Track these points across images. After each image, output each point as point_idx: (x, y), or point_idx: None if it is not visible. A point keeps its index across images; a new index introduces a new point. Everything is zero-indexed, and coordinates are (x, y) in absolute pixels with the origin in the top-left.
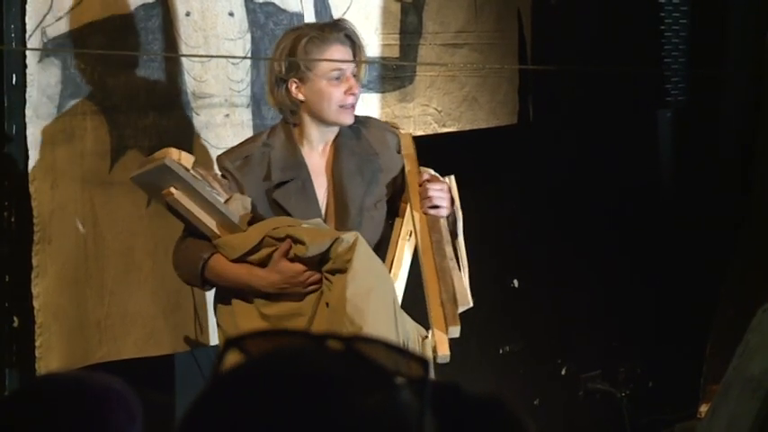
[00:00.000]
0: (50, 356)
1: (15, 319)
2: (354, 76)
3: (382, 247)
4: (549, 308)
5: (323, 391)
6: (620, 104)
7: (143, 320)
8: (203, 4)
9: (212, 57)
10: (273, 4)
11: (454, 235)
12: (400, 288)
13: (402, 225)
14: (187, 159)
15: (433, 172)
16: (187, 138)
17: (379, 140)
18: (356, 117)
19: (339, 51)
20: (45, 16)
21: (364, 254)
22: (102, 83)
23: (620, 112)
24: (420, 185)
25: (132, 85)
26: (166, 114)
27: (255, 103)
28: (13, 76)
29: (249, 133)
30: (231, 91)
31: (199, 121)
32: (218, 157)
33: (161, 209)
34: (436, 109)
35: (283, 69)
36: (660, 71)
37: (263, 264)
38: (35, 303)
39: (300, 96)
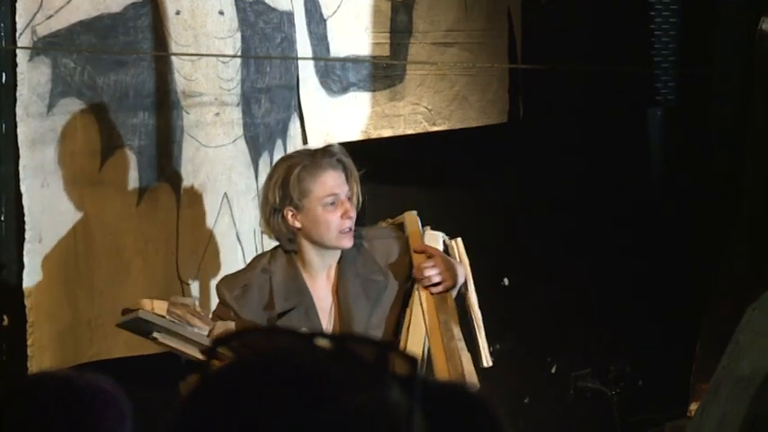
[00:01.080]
0: (42, 355)
1: (5, 317)
2: (348, 199)
3: None
4: (539, 306)
5: (312, 390)
6: (610, 103)
7: None
8: (193, 3)
9: (202, 55)
10: (263, 2)
11: (463, 297)
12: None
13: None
14: (160, 307)
15: (440, 238)
16: (177, 136)
17: (383, 252)
18: (358, 231)
19: (332, 176)
20: (35, 15)
21: None
22: (92, 82)
23: (611, 111)
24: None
25: (122, 84)
26: (156, 113)
27: (245, 102)
28: (3, 74)
29: (239, 132)
30: (221, 90)
31: (189, 119)
32: (217, 286)
33: (151, 208)
34: (426, 107)
35: (278, 199)
36: (650, 70)
37: None
38: (26, 302)
39: (297, 224)
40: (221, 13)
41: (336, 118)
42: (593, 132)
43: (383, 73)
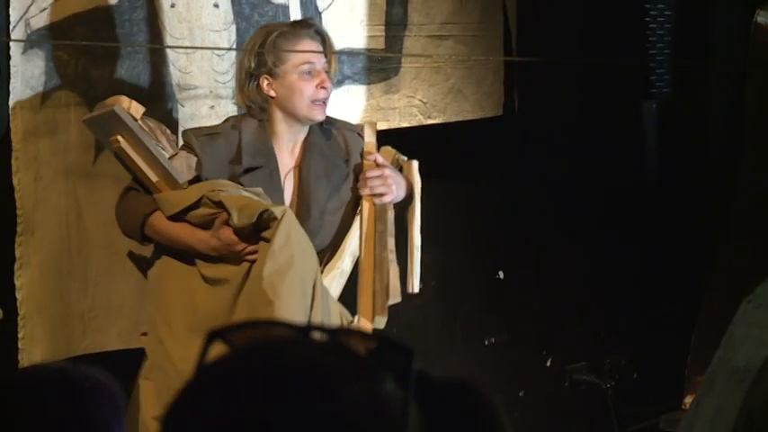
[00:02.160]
0: (34, 348)
1: None
2: (326, 72)
3: (338, 243)
4: (534, 299)
5: (305, 383)
6: (605, 96)
7: (127, 312)
8: None
9: (197, 48)
10: None
11: (406, 219)
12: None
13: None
14: (137, 109)
15: (394, 155)
16: (172, 129)
17: (350, 143)
18: (328, 118)
19: (309, 45)
20: (29, 8)
21: (289, 229)
22: (86, 74)
23: (606, 104)
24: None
25: (117, 77)
26: (151, 106)
27: None
28: None
29: None
30: (216, 82)
31: (184, 112)
32: (185, 131)
33: None
34: (422, 100)
35: (253, 65)
36: (645, 63)
37: (203, 226)
38: (18, 295)
39: (272, 92)
40: (216, 5)
41: (331, 111)
42: (589, 125)
43: (378, 66)
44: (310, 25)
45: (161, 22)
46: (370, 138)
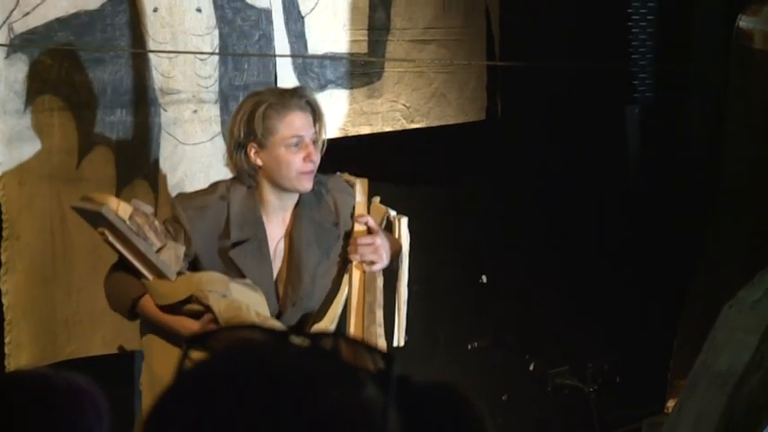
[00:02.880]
0: (19, 353)
1: None
2: (314, 143)
3: (328, 306)
4: (517, 304)
5: (286, 387)
6: (588, 100)
7: (111, 317)
8: (171, 0)
9: (180, 53)
10: (241, 0)
11: (394, 273)
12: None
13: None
14: (125, 210)
15: (384, 213)
16: (154, 134)
17: (340, 205)
18: (319, 177)
19: (299, 118)
20: (12, 12)
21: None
22: (69, 79)
23: (589, 108)
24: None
25: (100, 82)
26: (134, 110)
27: (223, 99)
28: None
29: (217, 129)
30: (199, 87)
31: (166, 117)
32: (173, 201)
33: None
34: (404, 105)
35: (242, 134)
36: (628, 67)
37: (192, 315)
38: (3, 300)
39: (259, 162)
40: (199, 10)
41: None
42: (571, 129)
43: (361, 70)
44: (302, 95)
45: (144, 26)
46: (360, 197)
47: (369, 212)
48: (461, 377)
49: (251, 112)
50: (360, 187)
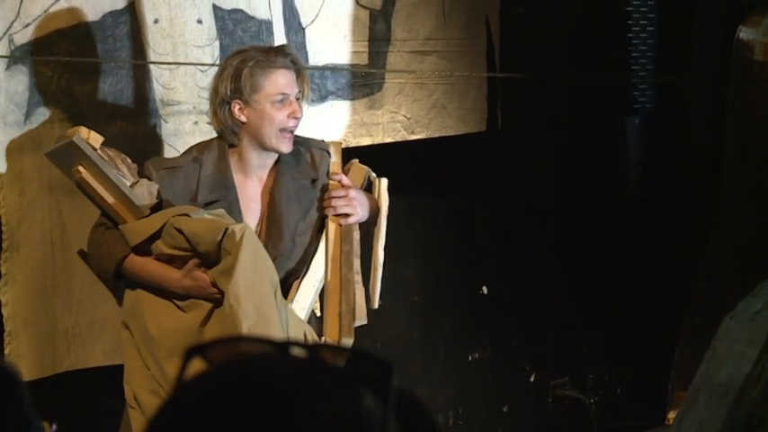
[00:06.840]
0: (19, 364)
1: None
2: (297, 100)
3: (308, 262)
4: (518, 315)
5: (285, 398)
6: (588, 112)
7: (111, 328)
8: (172, 12)
9: (180, 64)
10: (242, 11)
11: (371, 236)
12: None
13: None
14: (96, 139)
15: (365, 173)
16: (155, 145)
17: (318, 162)
18: (297, 137)
19: (284, 76)
20: (12, 23)
21: (253, 247)
22: (69, 90)
23: (588, 120)
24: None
25: (100, 93)
26: (134, 122)
27: None
28: None
29: None
30: (199, 98)
31: (167, 128)
32: (146, 163)
33: None
34: (405, 116)
35: (228, 91)
36: (627, 79)
37: (170, 262)
38: (4, 311)
39: (243, 118)
40: (199, 21)
41: (315, 126)
42: (571, 141)
43: (362, 81)
44: (286, 54)
45: (144, 37)
46: (335, 158)
47: (349, 172)
48: (462, 388)
49: (237, 71)
50: (334, 148)
